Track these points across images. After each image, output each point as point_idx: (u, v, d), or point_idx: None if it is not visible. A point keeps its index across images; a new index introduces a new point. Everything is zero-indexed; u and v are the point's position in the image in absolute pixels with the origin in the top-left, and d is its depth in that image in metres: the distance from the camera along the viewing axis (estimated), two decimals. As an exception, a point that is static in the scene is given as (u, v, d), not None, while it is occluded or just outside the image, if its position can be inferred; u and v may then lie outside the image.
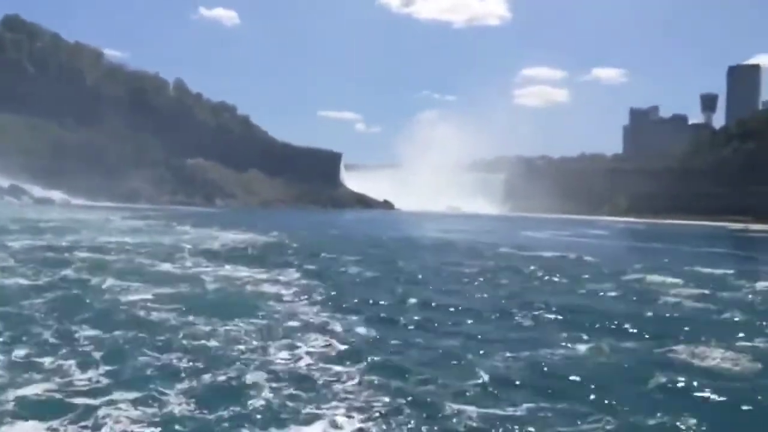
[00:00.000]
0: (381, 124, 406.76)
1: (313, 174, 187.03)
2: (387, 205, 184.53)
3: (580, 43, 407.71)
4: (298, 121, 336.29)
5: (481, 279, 18.93)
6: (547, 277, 19.75)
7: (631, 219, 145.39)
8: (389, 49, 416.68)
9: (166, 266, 18.69)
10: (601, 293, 16.55)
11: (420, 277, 19.43)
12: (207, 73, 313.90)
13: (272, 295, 14.05)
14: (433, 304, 13.77)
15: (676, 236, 65.66)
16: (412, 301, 14.05)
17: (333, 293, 14.50)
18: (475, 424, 6.59)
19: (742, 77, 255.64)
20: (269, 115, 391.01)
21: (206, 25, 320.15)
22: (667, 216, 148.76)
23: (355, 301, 13.78)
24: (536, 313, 13.00)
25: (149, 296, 12.88)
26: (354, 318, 11.76)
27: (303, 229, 46.77)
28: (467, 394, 7.49)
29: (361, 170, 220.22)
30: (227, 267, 18.85)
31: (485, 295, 15.39)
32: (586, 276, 20.30)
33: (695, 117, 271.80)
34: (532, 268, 22.05)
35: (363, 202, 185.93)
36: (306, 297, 13.87)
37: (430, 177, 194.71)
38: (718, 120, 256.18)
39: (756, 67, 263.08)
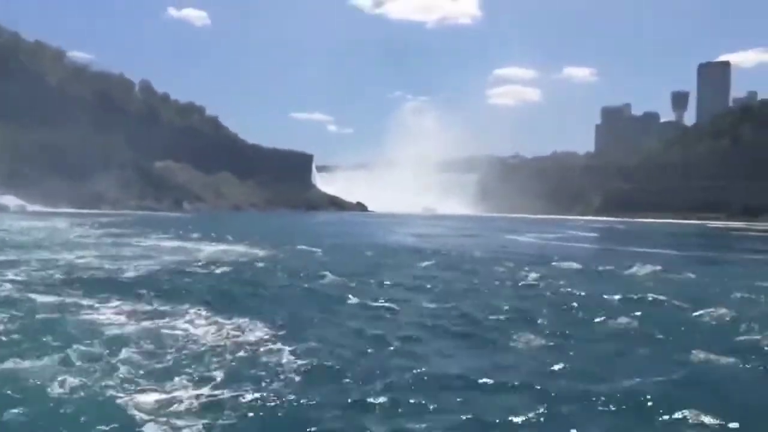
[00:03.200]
0: (353, 126, 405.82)
1: (285, 176, 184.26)
2: (360, 206, 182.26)
3: (551, 42, 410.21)
4: (270, 123, 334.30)
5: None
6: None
7: (607, 218, 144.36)
8: (361, 49, 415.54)
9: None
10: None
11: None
12: (177, 75, 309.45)
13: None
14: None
15: (668, 237, 61.67)
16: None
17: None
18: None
19: (712, 75, 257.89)
20: (240, 116, 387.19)
21: (176, 26, 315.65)
22: (641, 214, 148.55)
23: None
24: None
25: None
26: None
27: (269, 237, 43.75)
28: None
29: (334, 172, 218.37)
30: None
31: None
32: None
33: (666, 115, 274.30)
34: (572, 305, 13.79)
35: (336, 204, 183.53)
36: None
37: (404, 178, 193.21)
38: (690, 117, 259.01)
39: (726, 65, 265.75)
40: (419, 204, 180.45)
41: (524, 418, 6.52)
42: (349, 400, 7.02)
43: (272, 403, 6.85)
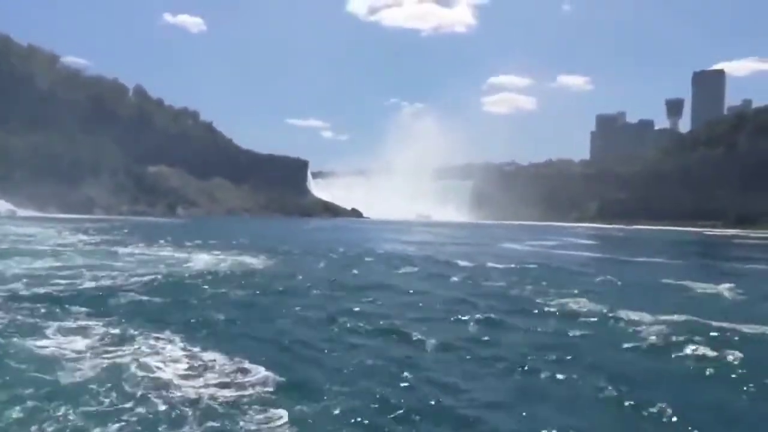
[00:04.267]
0: (349, 132, 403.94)
1: (280, 182, 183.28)
2: (355, 213, 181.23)
3: (545, 50, 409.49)
4: (265, 129, 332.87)
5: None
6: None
7: (603, 225, 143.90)
8: (357, 56, 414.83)
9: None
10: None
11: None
12: (172, 80, 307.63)
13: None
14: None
15: (671, 245, 60.23)
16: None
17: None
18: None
19: (706, 83, 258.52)
20: (235, 122, 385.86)
21: (172, 32, 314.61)
22: (637, 221, 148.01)
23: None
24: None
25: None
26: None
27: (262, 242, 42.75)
28: None
29: (329, 178, 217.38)
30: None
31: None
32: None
33: (661, 122, 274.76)
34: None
35: (331, 210, 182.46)
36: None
37: (399, 184, 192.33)
38: (684, 125, 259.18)
39: (720, 73, 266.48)
40: (414, 211, 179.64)
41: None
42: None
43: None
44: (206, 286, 17.51)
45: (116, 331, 10.92)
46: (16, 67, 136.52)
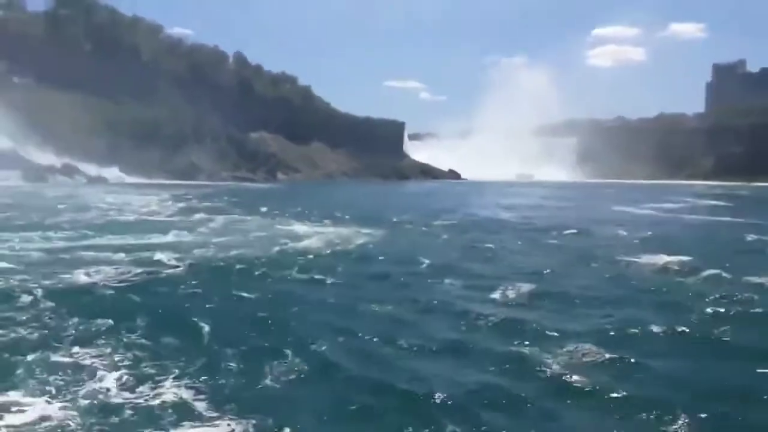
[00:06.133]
0: (447, 92, 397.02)
1: (377, 145, 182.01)
2: (453, 174, 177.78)
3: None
4: (363, 92, 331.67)
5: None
6: None
7: (720, 182, 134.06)
8: (453, 14, 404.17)
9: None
10: None
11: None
12: (271, 46, 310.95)
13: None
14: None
15: None
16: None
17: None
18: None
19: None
20: (333, 87, 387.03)
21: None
22: (756, 178, 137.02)
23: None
24: None
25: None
26: None
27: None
28: None
29: (427, 140, 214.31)
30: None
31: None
32: None
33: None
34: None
35: (427, 172, 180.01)
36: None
37: (498, 143, 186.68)
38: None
39: None
40: (514, 171, 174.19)
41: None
42: None
43: None
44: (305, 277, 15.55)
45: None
46: (122, 38, 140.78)
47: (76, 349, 8.77)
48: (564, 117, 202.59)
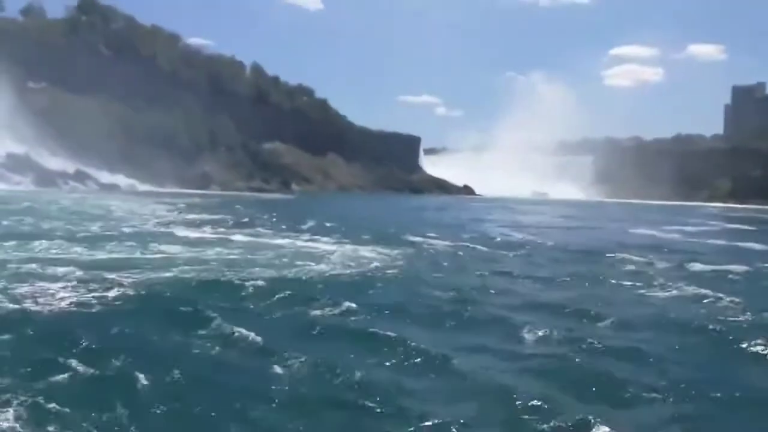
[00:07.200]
0: (463, 108, 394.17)
1: (392, 158, 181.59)
2: (467, 190, 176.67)
3: (673, 18, 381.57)
4: (378, 106, 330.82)
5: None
6: None
7: (739, 205, 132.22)
8: (471, 30, 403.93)
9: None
10: None
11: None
12: (287, 60, 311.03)
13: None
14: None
15: None
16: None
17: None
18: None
19: None
20: (348, 100, 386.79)
21: (289, 11, 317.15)
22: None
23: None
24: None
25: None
26: None
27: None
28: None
29: (442, 155, 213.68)
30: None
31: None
32: None
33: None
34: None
35: (442, 187, 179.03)
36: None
37: (514, 160, 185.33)
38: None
39: None
40: (529, 188, 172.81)
41: None
42: None
43: None
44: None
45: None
46: (141, 47, 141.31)
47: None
48: (580, 135, 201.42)
